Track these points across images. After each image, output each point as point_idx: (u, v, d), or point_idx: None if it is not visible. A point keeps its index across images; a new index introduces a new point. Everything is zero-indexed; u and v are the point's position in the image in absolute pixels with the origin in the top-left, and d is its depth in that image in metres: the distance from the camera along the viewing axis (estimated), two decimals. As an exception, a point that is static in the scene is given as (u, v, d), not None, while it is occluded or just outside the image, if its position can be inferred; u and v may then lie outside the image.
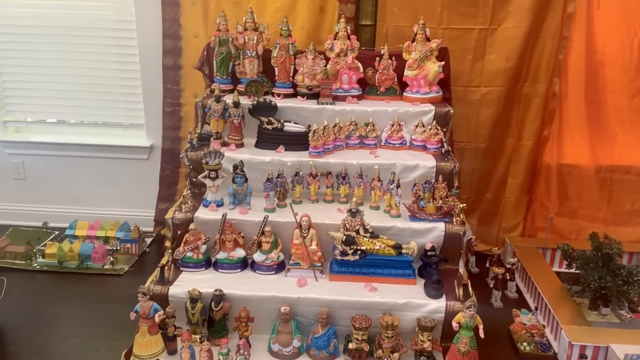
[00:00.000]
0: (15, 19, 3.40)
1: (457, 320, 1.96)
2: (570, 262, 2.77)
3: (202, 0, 3.17)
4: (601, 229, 3.14)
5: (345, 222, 2.27)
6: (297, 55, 2.90)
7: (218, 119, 2.65)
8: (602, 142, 3.25)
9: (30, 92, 3.58)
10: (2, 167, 3.66)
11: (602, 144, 3.25)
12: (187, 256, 2.29)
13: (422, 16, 3.07)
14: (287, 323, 2.10)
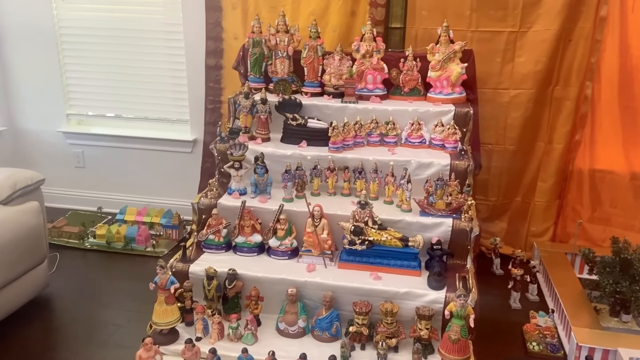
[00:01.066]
0: (79, 22, 3.77)
1: (449, 309, 2.04)
2: (591, 267, 2.74)
3: (241, 5, 3.38)
4: (636, 237, 3.05)
5: (354, 213, 2.40)
6: (325, 56, 3.05)
7: (247, 114, 2.86)
8: (636, 147, 3.16)
9: (91, 89, 3.95)
10: (64, 156, 4.06)
11: (637, 149, 3.16)
12: (209, 238, 2.50)
13: (451, 19, 3.15)
14: (294, 304, 2.25)
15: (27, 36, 3.83)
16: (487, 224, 3.49)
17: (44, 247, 2.74)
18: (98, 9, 3.72)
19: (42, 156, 4.06)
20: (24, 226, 2.58)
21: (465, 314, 1.99)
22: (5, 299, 2.51)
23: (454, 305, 2.00)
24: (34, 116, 4.03)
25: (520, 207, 3.43)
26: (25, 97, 4.00)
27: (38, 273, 2.72)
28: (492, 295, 2.97)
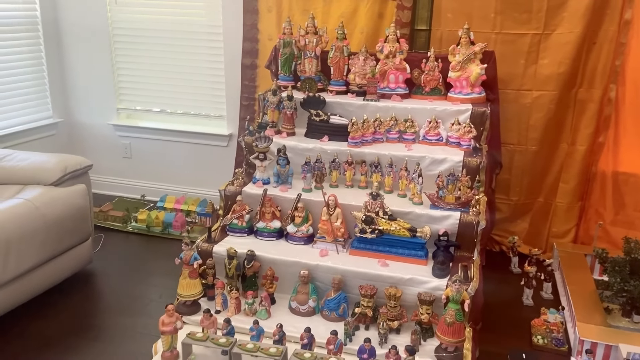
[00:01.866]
0: (130, 23, 4.10)
1: (446, 294, 2.15)
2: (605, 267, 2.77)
3: (276, 8, 3.60)
4: None
5: (366, 204, 2.55)
6: (350, 56, 3.22)
7: (274, 110, 3.06)
8: (662, 150, 3.15)
9: (140, 85, 4.28)
10: (113, 147, 4.41)
11: (663, 152, 3.15)
12: (233, 223, 2.72)
13: (475, 21, 3.26)
14: (305, 285, 2.43)
15: (84, 37, 4.20)
16: (508, 223, 3.56)
17: (88, 226, 3.05)
18: (147, 11, 4.03)
19: (93, 146, 4.43)
20: (72, 206, 2.89)
21: (461, 299, 2.10)
22: (53, 270, 2.82)
23: (450, 290, 2.12)
24: (88, 110, 4.41)
25: (542, 208, 3.47)
26: (80, 92, 4.38)
27: (82, 249, 3.03)
28: (507, 291, 3.05)
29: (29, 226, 2.61)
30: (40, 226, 2.67)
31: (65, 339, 2.54)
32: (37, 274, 2.72)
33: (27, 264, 2.61)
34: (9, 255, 2.50)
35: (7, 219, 2.54)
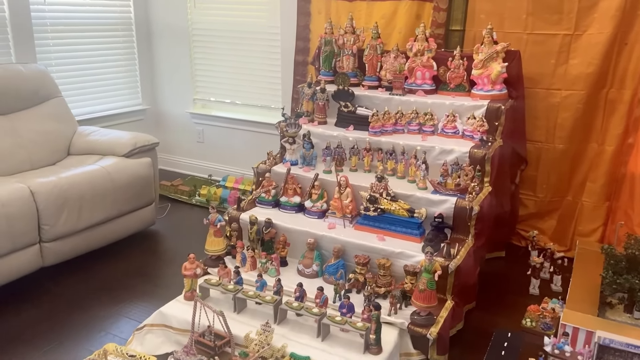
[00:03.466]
0: (206, 24, 4.71)
1: (421, 264, 2.40)
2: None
3: (325, 10, 3.97)
4: None
5: (372, 185, 2.85)
6: (383, 54, 3.51)
7: (308, 101, 3.45)
8: (694, 153, 3.08)
9: (213, 79, 4.87)
10: (189, 132, 5.06)
11: (695, 155, 3.08)
12: (261, 196, 3.14)
13: (507, 22, 3.40)
14: (311, 251, 2.79)
15: (169, 36, 4.88)
16: (536, 220, 3.64)
17: (152, 193, 3.64)
18: (219, 14, 4.61)
19: (173, 131, 5.12)
20: (138, 174, 3.49)
21: (433, 269, 2.34)
22: (120, 225, 3.44)
23: (424, 260, 2.37)
24: (170, 99, 5.10)
25: (570, 206, 3.51)
26: (164, 83, 5.08)
27: (146, 212, 3.63)
28: (518, 281, 3.17)
29: (100, 188, 3.24)
30: (109, 188, 3.29)
31: (124, 281, 3.12)
32: (107, 227, 3.35)
33: (97, 217, 3.24)
34: (82, 209, 3.14)
35: (83, 180, 3.18)
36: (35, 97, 3.67)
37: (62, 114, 3.82)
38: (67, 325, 2.65)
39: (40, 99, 3.72)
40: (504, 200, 3.24)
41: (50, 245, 3.05)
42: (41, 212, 2.97)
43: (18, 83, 3.58)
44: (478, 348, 2.51)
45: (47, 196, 2.99)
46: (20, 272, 2.92)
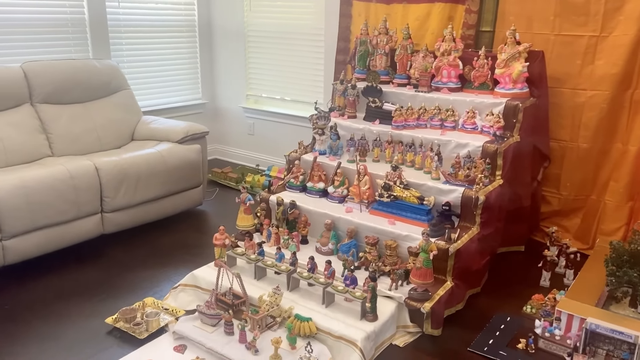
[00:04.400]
0: (259, 26, 5.11)
1: (419, 244, 2.62)
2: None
3: (365, 13, 4.23)
4: None
5: (387, 174, 3.09)
6: (413, 53, 3.73)
7: (340, 96, 3.74)
8: None
9: (264, 76, 5.27)
10: (242, 125, 5.49)
11: None
12: (290, 181, 3.47)
13: (536, 24, 3.52)
14: (328, 232, 3.07)
15: (227, 37, 5.34)
16: (560, 217, 3.70)
17: (200, 176, 4.07)
18: (271, 17, 5.00)
19: (228, 123, 5.58)
20: (188, 159, 3.93)
21: (429, 249, 2.55)
22: (171, 203, 3.89)
23: (421, 241, 2.59)
24: (226, 94, 5.56)
25: (594, 206, 3.55)
26: (222, 80, 5.55)
27: (194, 193, 4.07)
28: (532, 275, 3.26)
29: (154, 168, 3.70)
30: (162, 170, 3.75)
31: (169, 251, 3.55)
32: (159, 204, 3.81)
33: (151, 194, 3.70)
34: (138, 186, 3.61)
35: (140, 161, 3.65)
36: (107, 89, 4.22)
37: (129, 105, 4.34)
38: (117, 283, 3.09)
39: (111, 91, 4.26)
40: (522, 195, 3.36)
41: (110, 215, 3.54)
42: (103, 185, 3.46)
43: (93, 76, 4.14)
44: (475, 328, 2.69)
45: (109, 172, 3.48)
46: (83, 237, 3.43)
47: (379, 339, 2.48)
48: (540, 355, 2.50)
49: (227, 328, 2.48)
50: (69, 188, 3.29)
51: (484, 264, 3.01)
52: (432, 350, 2.52)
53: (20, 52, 4.02)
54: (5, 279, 3.07)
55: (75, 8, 4.35)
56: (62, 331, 2.61)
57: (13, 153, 3.53)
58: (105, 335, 2.59)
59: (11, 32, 4.00)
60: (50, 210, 3.20)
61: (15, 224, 3.05)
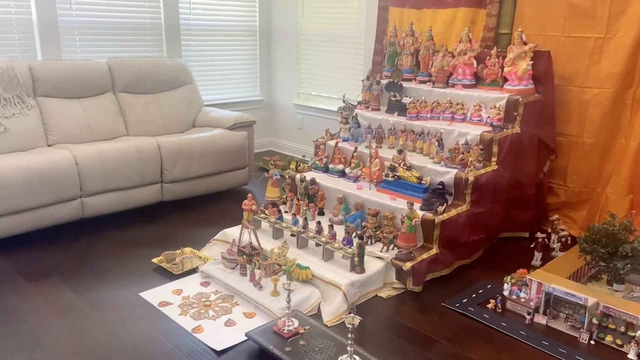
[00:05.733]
0: (310, 30, 5.71)
1: (405, 213, 3.04)
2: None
3: (399, 17, 4.68)
4: None
5: (394, 157, 3.53)
6: (434, 53, 4.13)
7: (366, 91, 4.22)
8: None
9: (314, 76, 5.87)
10: (293, 120, 6.11)
11: None
12: (315, 163, 4.00)
13: (548, 26, 3.81)
14: (340, 204, 3.56)
15: (283, 40, 5.98)
16: (568, 209, 3.94)
17: (246, 159, 4.71)
18: (320, 22, 5.59)
19: (280, 118, 6.22)
20: (235, 143, 4.58)
21: (412, 216, 2.97)
22: (220, 180, 4.56)
23: (406, 210, 3.01)
24: (280, 92, 6.21)
25: (598, 198, 3.75)
26: (277, 79, 6.20)
27: (240, 174, 4.71)
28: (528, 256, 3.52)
29: (206, 149, 4.38)
30: (213, 151, 4.42)
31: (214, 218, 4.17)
32: (209, 180, 4.48)
33: (202, 171, 4.39)
34: (192, 163, 4.30)
35: (195, 143, 4.34)
36: (174, 83, 4.98)
37: (193, 97, 5.08)
38: (167, 238, 3.76)
39: (178, 84, 5.02)
40: (525, 183, 3.65)
41: (168, 185, 4.26)
42: (164, 160, 4.18)
43: (164, 71, 4.92)
44: (456, 291, 3.06)
45: (168, 149, 4.20)
46: (145, 202, 4.16)
47: (365, 289, 2.94)
48: (505, 314, 2.84)
49: (241, 270, 3.05)
50: (135, 160, 4.04)
51: (476, 240, 3.36)
52: (410, 303, 2.93)
53: (107, 49, 4.87)
54: (83, 229, 3.84)
55: (153, 14, 5.18)
56: (121, 268, 3.30)
57: (96, 131, 4.35)
58: (151, 271, 3.26)
59: (100, 34, 4.87)
60: (120, 176, 3.96)
61: (92, 184, 3.83)
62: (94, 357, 2.42)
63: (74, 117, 4.29)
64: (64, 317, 2.73)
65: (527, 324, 2.74)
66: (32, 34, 4.49)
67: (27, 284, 3.08)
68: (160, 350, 2.47)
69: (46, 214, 3.65)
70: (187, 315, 2.75)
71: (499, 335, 2.66)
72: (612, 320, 2.60)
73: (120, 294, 2.97)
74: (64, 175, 3.69)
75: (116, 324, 2.67)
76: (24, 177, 3.50)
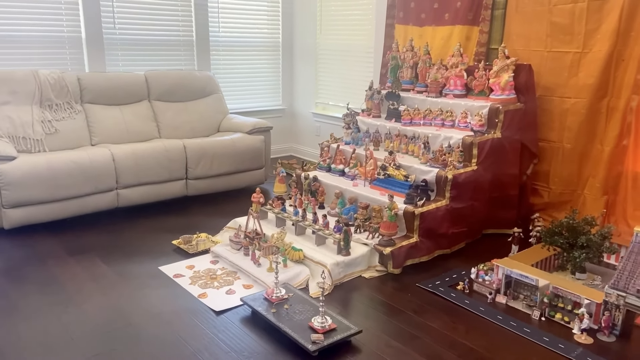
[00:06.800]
0: (327, 45, 6.24)
1: (387, 205, 3.47)
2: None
3: (404, 34, 5.13)
4: None
5: (385, 158, 3.97)
6: (431, 66, 4.55)
7: (368, 100, 4.68)
8: (676, 156, 3.48)
9: (329, 86, 6.38)
10: (310, 127, 6.62)
11: (676, 157, 3.47)
12: (320, 163, 4.48)
13: (532, 42, 4.18)
14: (337, 199, 4.02)
15: (303, 54, 6.53)
16: (552, 209, 4.26)
17: (262, 160, 5.23)
18: (336, 38, 6.10)
19: (300, 126, 6.75)
20: (253, 146, 5.12)
21: (392, 207, 3.40)
22: (238, 178, 5.09)
23: (388, 202, 3.44)
24: (300, 101, 6.74)
25: (577, 199, 4.07)
26: (297, 89, 6.74)
27: (257, 173, 5.24)
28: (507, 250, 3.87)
29: (226, 150, 4.93)
30: (232, 152, 4.97)
31: (231, 210, 4.66)
32: (229, 177, 5.03)
33: (222, 169, 4.94)
34: (213, 162, 4.86)
35: (216, 144, 4.91)
36: (202, 92, 5.58)
37: (218, 105, 5.67)
38: (189, 225, 4.30)
39: (206, 94, 5.62)
40: (507, 183, 4.01)
41: (192, 181, 4.83)
42: (188, 159, 4.75)
43: (193, 83, 5.53)
44: (432, 275, 3.45)
45: (192, 150, 4.77)
46: (172, 195, 4.74)
47: (349, 269, 3.38)
48: (472, 295, 3.21)
49: (245, 251, 3.55)
50: (164, 158, 4.62)
51: (457, 232, 3.74)
52: (389, 283, 3.35)
53: (145, 63, 5.53)
54: (117, 216, 4.44)
55: (186, 31, 5.82)
56: (146, 247, 3.85)
57: (132, 133, 4.98)
58: (171, 251, 3.80)
59: (139, 49, 5.54)
60: (150, 172, 4.55)
61: (126, 178, 4.43)
62: (116, 312, 2.96)
63: (114, 121, 4.93)
64: (95, 282, 3.29)
65: (488, 303, 3.11)
66: (81, 49, 5.19)
67: (69, 257, 3.67)
68: (170, 310, 2.98)
69: (87, 202, 4.27)
70: (195, 284, 3.27)
71: (461, 310, 3.04)
72: (562, 300, 2.94)
73: (142, 267, 3.52)
74: (103, 169, 4.31)
75: (137, 289, 3.21)
76: (69, 170, 4.13)
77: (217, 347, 2.64)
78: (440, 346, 2.68)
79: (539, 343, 2.70)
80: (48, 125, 4.54)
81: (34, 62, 4.88)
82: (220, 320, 2.90)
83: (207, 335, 2.75)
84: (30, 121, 4.45)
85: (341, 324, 2.69)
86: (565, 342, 2.71)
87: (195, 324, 2.86)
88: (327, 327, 2.63)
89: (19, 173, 3.91)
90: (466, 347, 2.68)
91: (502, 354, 2.63)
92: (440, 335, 2.78)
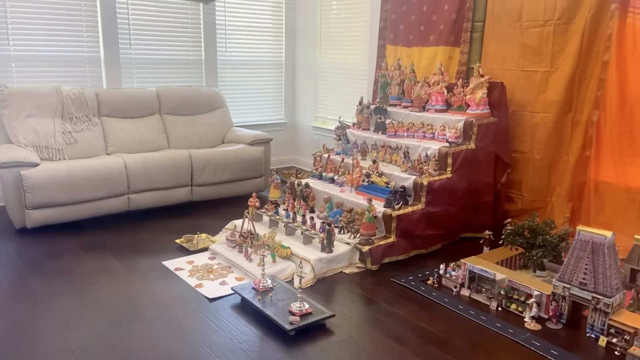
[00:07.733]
0: (325, 64, 6.69)
1: (366, 207, 3.85)
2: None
3: (394, 54, 5.56)
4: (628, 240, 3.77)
5: (370, 166, 4.37)
6: (415, 83, 4.96)
7: (358, 114, 5.10)
8: (632, 166, 3.81)
9: (328, 102, 6.81)
10: (310, 141, 7.04)
11: (632, 167, 3.81)
12: (312, 172, 4.89)
13: (507, 62, 4.57)
14: (325, 203, 4.42)
15: (303, 72, 6.99)
16: (525, 215, 4.51)
17: (262, 169, 5.66)
18: (334, 57, 6.55)
19: (301, 139, 7.18)
20: (253, 156, 5.55)
21: (371, 210, 3.78)
22: (239, 186, 5.52)
23: (367, 205, 3.83)
24: (301, 116, 7.19)
25: (547, 205, 4.41)
26: (299, 104, 7.19)
27: (257, 182, 5.65)
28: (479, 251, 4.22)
29: (229, 160, 5.37)
30: (233, 161, 5.41)
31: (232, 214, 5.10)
32: (231, 185, 5.46)
33: (225, 177, 5.37)
34: (217, 170, 5.30)
35: (219, 154, 5.35)
36: (209, 107, 6.05)
37: (224, 119, 6.13)
38: (192, 228, 4.73)
39: (212, 108, 6.09)
40: (481, 191, 4.37)
41: (197, 188, 5.26)
42: (194, 167, 5.20)
43: (200, 98, 6.00)
44: (407, 272, 3.82)
45: (197, 159, 5.22)
46: (178, 200, 5.18)
47: (331, 265, 3.76)
48: (440, 288, 3.57)
49: (239, 249, 3.96)
50: (171, 166, 5.07)
51: (432, 234, 4.11)
52: (367, 278, 3.72)
53: (157, 80, 6.03)
54: (129, 220, 4.89)
55: (195, 52, 6.32)
56: (152, 245, 4.28)
57: (144, 144, 5.45)
58: (174, 249, 4.22)
59: (152, 68, 6.04)
60: (159, 178, 5.00)
61: (137, 184, 4.89)
62: (123, 298, 3.38)
63: (128, 133, 5.41)
64: (105, 274, 3.72)
65: (454, 295, 3.47)
66: (99, 68, 5.70)
67: (83, 253, 4.11)
68: (170, 297, 3.39)
69: (101, 205, 4.72)
70: (193, 277, 3.68)
71: (427, 300, 3.40)
72: (517, 292, 3.29)
73: (148, 262, 3.94)
74: (116, 176, 4.77)
75: (142, 280, 3.63)
76: (86, 176, 4.60)
77: (208, 328, 3.04)
78: (404, 329, 3.04)
79: (491, 328, 3.05)
80: (68, 136, 5.03)
81: (57, 79, 5.40)
82: (212, 306, 3.30)
83: (201, 318, 3.15)
84: (53, 132, 4.94)
85: (317, 309, 3.07)
86: (516, 328, 3.06)
87: (191, 309, 3.26)
88: (304, 311, 3.02)
89: (41, 178, 4.38)
90: (426, 331, 3.04)
91: (457, 337, 2.98)
92: (405, 321, 3.14)
